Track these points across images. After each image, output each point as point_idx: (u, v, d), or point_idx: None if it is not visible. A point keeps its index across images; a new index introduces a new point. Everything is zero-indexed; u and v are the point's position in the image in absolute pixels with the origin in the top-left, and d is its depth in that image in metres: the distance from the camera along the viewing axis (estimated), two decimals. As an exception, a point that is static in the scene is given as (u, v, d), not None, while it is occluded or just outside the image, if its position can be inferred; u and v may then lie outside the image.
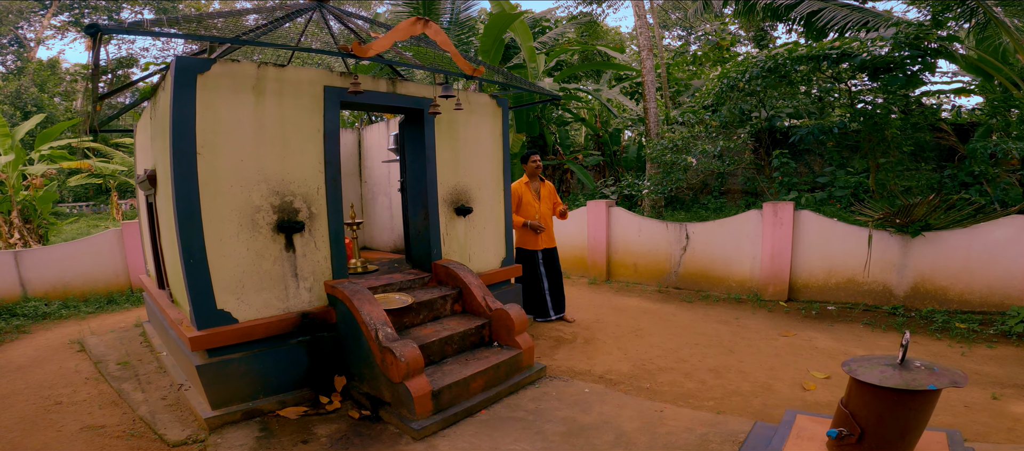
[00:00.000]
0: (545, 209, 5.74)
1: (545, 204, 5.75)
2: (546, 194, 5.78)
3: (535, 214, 5.67)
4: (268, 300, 3.62)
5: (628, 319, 5.91)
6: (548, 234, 5.77)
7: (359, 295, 3.59)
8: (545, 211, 5.72)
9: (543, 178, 5.79)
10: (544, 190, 5.78)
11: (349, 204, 6.68)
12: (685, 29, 24.27)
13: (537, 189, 5.76)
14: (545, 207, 5.74)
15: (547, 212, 5.75)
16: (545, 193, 5.77)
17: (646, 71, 9.34)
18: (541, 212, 5.68)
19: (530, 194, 5.71)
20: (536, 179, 5.77)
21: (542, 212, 5.69)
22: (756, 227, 6.42)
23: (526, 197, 5.68)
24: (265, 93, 3.48)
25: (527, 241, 5.71)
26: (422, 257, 4.70)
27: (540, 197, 5.73)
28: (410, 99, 4.32)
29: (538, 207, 5.69)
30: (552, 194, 5.88)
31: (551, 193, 5.86)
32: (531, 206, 5.67)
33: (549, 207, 5.79)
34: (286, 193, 3.61)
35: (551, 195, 5.85)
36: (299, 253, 3.71)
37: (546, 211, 5.74)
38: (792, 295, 6.37)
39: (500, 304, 4.16)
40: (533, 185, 5.76)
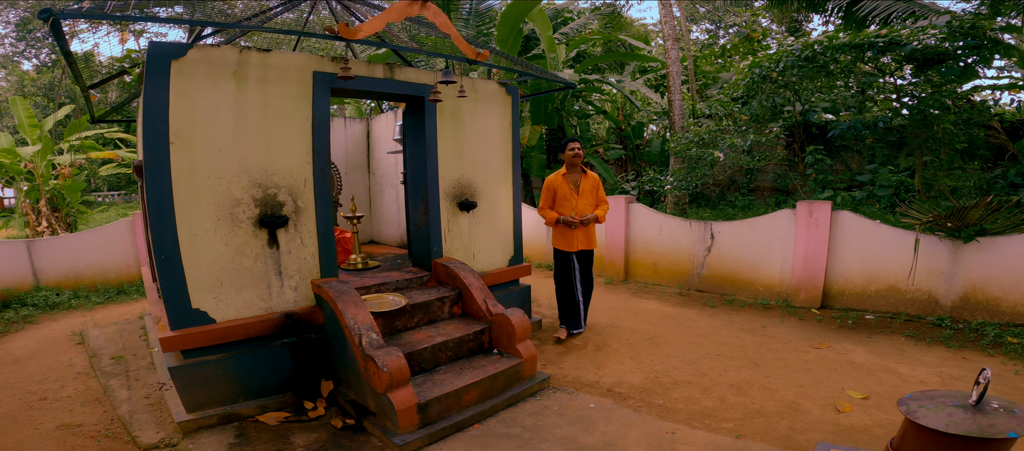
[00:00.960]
0: (584, 205, 4.99)
1: (585, 200, 4.98)
2: (588, 188, 5.01)
3: (571, 211, 4.97)
4: (249, 299, 3.38)
5: (644, 324, 5.52)
6: (586, 234, 5.01)
7: (344, 297, 3.32)
8: (584, 207, 4.98)
9: (585, 169, 5.02)
10: (586, 183, 4.99)
11: (350, 196, 6.47)
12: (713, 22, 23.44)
13: (576, 182, 4.98)
14: (585, 203, 4.98)
15: (587, 209, 5.00)
16: (587, 187, 5.00)
17: (671, 62, 8.86)
18: (579, 208, 4.93)
19: (567, 187, 4.95)
20: (576, 170, 5.02)
21: (580, 208, 4.94)
22: (788, 228, 5.94)
23: (562, 191, 4.96)
24: (247, 79, 3.23)
25: (562, 240, 5.01)
26: (422, 255, 4.42)
27: (579, 191, 4.96)
28: (408, 85, 4.02)
29: (576, 202, 4.94)
30: (596, 188, 5.07)
31: (595, 187, 5.06)
32: (567, 201, 4.95)
33: (591, 203, 5.03)
34: (269, 185, 3.36)
35: (594, 190, 5.06)
36: (284, 250, 3.46)
37: (586, 207, 5.00)
38: (825, 302, 5.88)
39: (502, 308, 3.85)
40: (572, 177, 4.99)
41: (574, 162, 4.93)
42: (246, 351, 3.38)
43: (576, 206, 4.93)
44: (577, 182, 4.99)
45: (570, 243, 4.96)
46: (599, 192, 5.07)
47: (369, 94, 3.99)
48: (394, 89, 3.94)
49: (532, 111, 9.74)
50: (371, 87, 3.80)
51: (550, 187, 4.97)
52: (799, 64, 5.77)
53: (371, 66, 3.83)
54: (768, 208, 10.41)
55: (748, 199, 11.05)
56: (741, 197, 11.13)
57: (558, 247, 5.01)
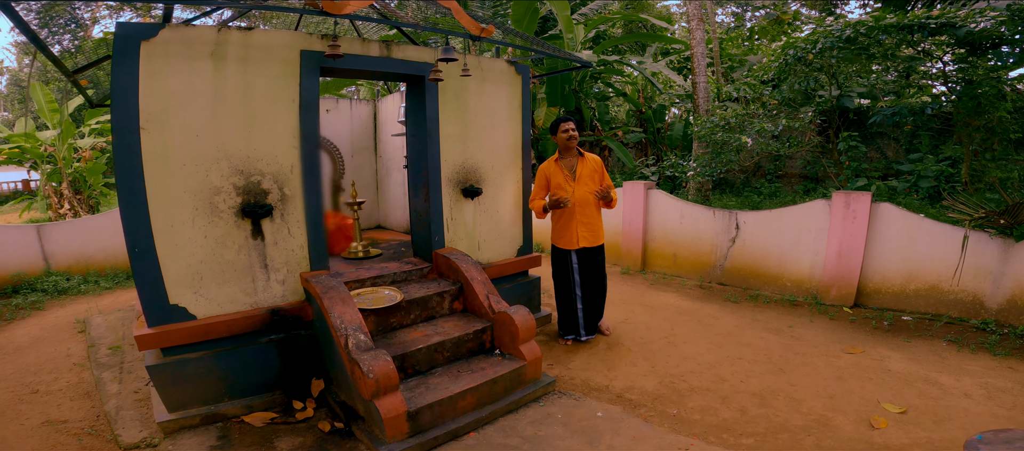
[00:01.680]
0: (583, 193, 4.24)
1: (583, 186, 4.25)
2: (586, 173, 4.28)
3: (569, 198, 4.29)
4: (232, 294, 3.17)
5: (661, 321, 5.19)
6: (589, 226, 4.29)
7: (332, 293, 3.09)
8: (583, 195, 4.24)
9: (582, 152, 4.33)
10: (583, 168, 4.29)
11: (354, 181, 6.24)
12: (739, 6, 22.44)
13: (572, 167, 4.30)
14: (583, 190, 4.25)
15: (585, 197, 4.25)
16: (585, 172, 4.28)
17: (695, 42, 8.37)
18: (577, 196, 4.24)
19: (561, 174, 4.27)
20: (571, 154, 4.31)
21: (577, 197, 4.24)
22: (822, 220, 5.51)
23: (555, 178, 4.28)
24: (227, 59, 2.97)
25: (560, 235, 4.36)
26: (423, 245, 4.17)
27: (576, 177, 4.26)
28: (407, 64, 3.73)
29: (572, 190, 4.24)
30: (596, 172, 4.34)
31: (594, 171, 4.32)
32: (561, 190, 4.27)
33: (589, 189, 4.27)
34: (252, 172, 3.12)
35: (594, 174, 4.32)
36: (269, 241, 3.23)
37: (584, 195, 4.25)
38: (859, 300, 5.46)
39: (506, 306, 3.58)
40: (566, 162, 4.32)
41: (568, 145, 4.26)
42: (230, 349, 3.19)
43: (572, 194, 4.27)
44: (573, 167, 4.32)
45: (569, 238, 4.29)
46: (602, 177, 4.36)
47: (364, 74, 3.71)
48: (391, 68, 3.66)
49: (548, 92, 9.37)
50: (365, 66, 3.52)
51: (542, 175, 4.34)
52: (839, 45, 5.28)
53: (366, 44, 3.54)
54: (796, 196, 9.90)
55: (775, 186, 10.54)
56: (767, 184, 10.62)
57: (556, 244, 4.39)
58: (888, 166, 9.80)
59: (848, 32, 5.19)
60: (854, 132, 8.66)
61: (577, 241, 4.28)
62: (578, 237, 4.28)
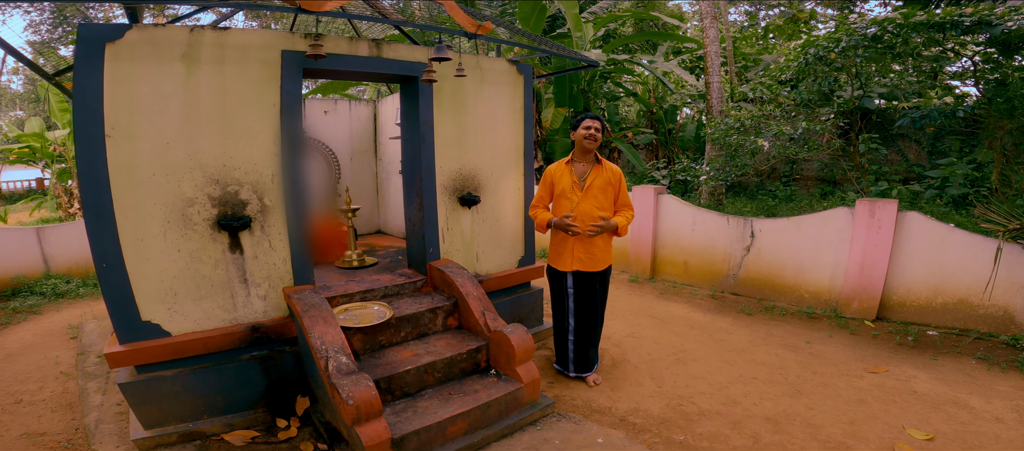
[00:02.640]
0: (589, 208, 3.49)
1: (591, 200, 3.50)
2: (599, 185, 3.53)
3: (570, 211, 3.55)
4: (209, 310, 2.99)
5: (670, 336, 4.93)
6: (588, 248, 3.54)
7: (313, 312, 2.88)
8: (586, 211, 3.49)
9: (601, 159, 3.62)
10: (597, 177, 3.54)
11: (351, 186, 6.07)
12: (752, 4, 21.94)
13: (584, 174, 3.57)
14: (589, 204, 3.50)
15: (589, 213, 3.50)
16: (597, 182, 3.53)
17: (709, 41, 8.06)
18: (580, 210, 3.50)
19: (569, 180, 3.55)
20: (588, 158, 3.60)
21: (581, 211, 3.49)
22: (844, 228, 5.20)
23: (562, 184, 3.57)
24: (200, 61, 2.78)
25: (555, 253, 3.67)
26: (417, 256, 3.95)
27: (585, 187, 3.52)
28: (398, 64, 3.52)
29: (576, 203, 3.51)
30: (611, 187, 3.57)
31: (610, 184, 3.56)
32: (565, 200, 3.56)
33: (602, 205, 3.53)
34: (229, 182, 2.93)
35: (607, 189, 3.55)
36: (248, 255, 3.04)
37: (591, 210, 3.49)
38: (881, 314, 5.15)
39: (502, 324, 3.35)
40: (579, 167, 3.61)
41: (586, 146, 3.53)
42: (208, 366, 3.00)
43: (576, 207, 3.52)
44: (585, 174, 3.58)
45: (563, 259, 3.60)
46: (619, 192, 3.62)
47: (351, 75, 3.50)
48: (381, 68, 3.45)
49: (556, 92, 9.13)
50: (352, 67, 3.31)
51: (548, 178, 3.66)
52: (864, 44, 4.97)
53: (354, 43, 3.33)
54: (812, 200, 9.54)
55: (790, 189, 10.19)
56: (782, 187, 10.27)
57: (551, 264, 3.74)
58: (909, 169, 9.43)
59: (874, 30, 4.89)
60: (874, 134, 8.31)
61: (571, 263, 3.58)
62: (573, 258, 3.57)
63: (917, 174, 9.21)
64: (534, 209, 3.80)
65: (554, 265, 3.73)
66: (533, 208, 3.81)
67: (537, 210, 3.77)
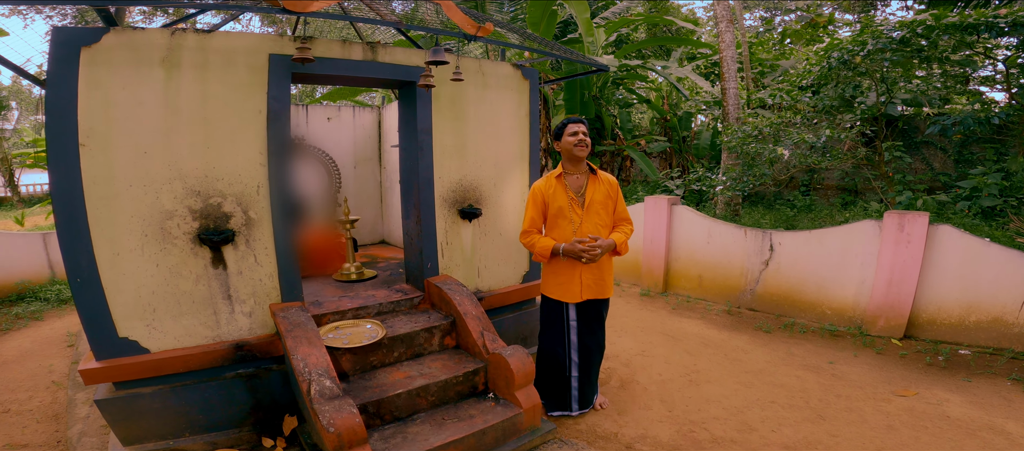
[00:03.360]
0: (592, 226, 3.10)
1: (595, 217, 3.11)
2: (600, 199, 3.14)
3: (571, 234, 3.08)
4: (191, 327, 2.83)
5: (682, 355, 4.67)
6: (597, 274, 3.14)
7: (297, 331, 2.71)
8: (593, 229, 3.10)
9: (595, 169, 3.20)
10: (595, 190, 3.14)
11: (353, 195, 5.92)
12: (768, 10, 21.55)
13: (580, 188, 3.14)
14: (594, 223, 3.11)
15: (596, 230, 3.12)
16: (598, 196, 3.13)
17: (724, 45, 7.81)
18: (585, 231, 3.09)
19: (565, 197, 3.10)
20: (579, 169, 3.17)
21: (586, 231, 3.09)
22: (870, 242, 4.92)
23: (557, 202, 3.10)
24: (181, 66, 2.64)
25: (556, 283, 3.20)
26: (415, 271, 3.77)
27: (585, 203, 3.11)
28: (393, 68, 3.35)
29: (578, 222, 3.09)
30: (611, 198, 3.19)
31: (609, 196, 3.18)
32: (564, 219, 3.10)
33: (604, 222, 3.15)
34: (211, 194, 2.77)
35: (609, 200, 3.18)
36: (232, 270, 2.88)
37: (595, 229, 3.11)
38: (909, 332, 4.85)
39: (501, 346, 3.15)
40: (573, 180, 3.15)
41: (576, 154, 3.09)
42: (190, 383, 2.85)
43: (579, 227, 3.08)
44: (581, 189, 3.14)
45: (569, 288, 3.14)
46: (618, 204, 3.21)
47: (344, 79, 3.34)
48: (376, 73, 3.28)
49: (566, 99, 8.93)
50: (346, 71, 3.15)
51: (537, 197, 3.15)
52: (892, 47, 4.68)
53: (347, 46, 3.17)
54: (832, 210, 9.20)
55: (809, 199, 9.86)
56: (801, 197, 9.94)
57: (548, 294, 3.24)
58: (934, 178, 9.08)
59: (902, 33, 4.61)
60: (898, 142, 7.97)
61: (580, 292, 3.12)
62: (582, 286, 3.11)
63: (943, 183, 8.85)
64: (527, 235, 3.19)
65: (556, 296, 3.20)
66: (526, 234, 3.20)
67: (532, 236, 3.17)
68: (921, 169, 9.41)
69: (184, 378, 2.85)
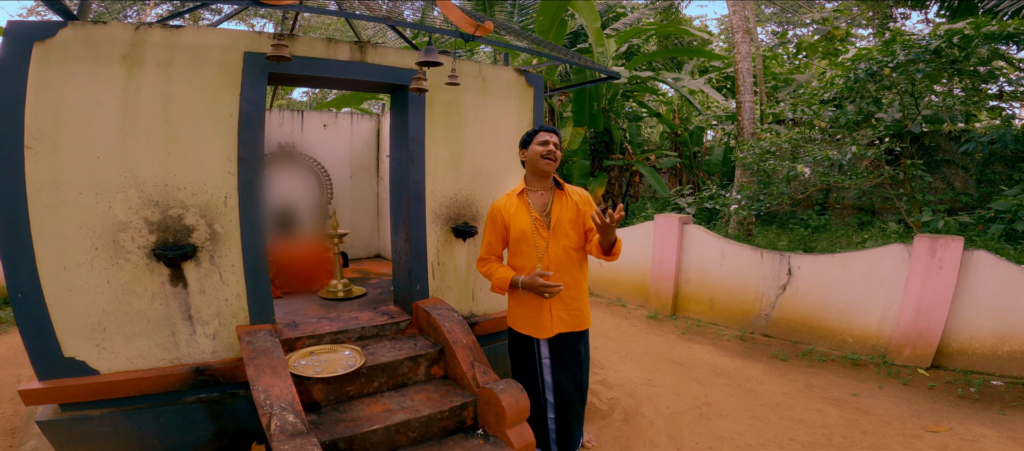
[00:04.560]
0: (561, 251, 2.63)
1: (562, 238, 2.63)
2: (568, 218, 2.66)
3: (536, 260, 2.63)
4: (145, 348, 2.56)
5: (692, 385, 4.34)
6: (568, 304, 2.67)
7: (261, 359, 2.42)
8: (561, 255, 2.63)
9: (561, 182, 2.75)
10: (562, 208, 2.67)
11: (346, 206, 5.65)
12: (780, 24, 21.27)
13: (545, 206, 2.70)
14: (561, 245, 2.63)
15: (565, 256, 2.64)
16: (565, 215, 2.66)
17: (740, 57, 7.53)
18: (552, 257, 2.62)
19: (527, 217, 2.66)
20: (544, 184, 2.73)
21: (554, 257, 2.62)
22: (898, 267, 4.58)
23: (519, 224, 2.66)
24: (144, 64, 2.40)
25: (522, 315, 2.73)
26: (403, 292, 3.48)
27: (551, 224, 2.64)
28: (382, 70, 3.09)
29: (545, 245, 2.63)
30: (581, 215, 2.69)
31: (579, 213, 2.68)
32: (527, 243, 2.65)
33: (574, 243, 2.66)
34: (171, 204, 2.51)
35: (578, 220, 2.68)
36: (194, 289, 2.61)
37: (564, 254, 2.63)
38: (937, 361, 4.50)
39: (494, 378, 2.84)
40: (537, 199, 2.72)
41: (543, 168, 2.63)
42: (145, 407, 2.58)
43: (545, 251, 2.62)
44: (547, 206, 2.69)
45: (538, 322, 2.66)
46: (586, 217, 2.69)
47: (330, 82, 3.09)
48: (364, 75, 3.02)
49: (575, 111, 8.67)
50: (330, 73, 2.89)
51: (497, 219, 2.71)
52: (924, 58, 4.34)
53: (332, 45, 2.92)
54: (849, 230, 8.83)
55: (824, 219, 9.50)
56: (815, 216, 9.58)
57: (515, 327, 2.78)
58: (956, 198, 8.72)
59: (938, 43, 4.28)
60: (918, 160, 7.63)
61: (550, 326, 2.65)
62: (552, 319, 2.65)
63: (964, 204, 8.49)
64: (485, 263, 2.75)
65: (520, 328, 2.73)
66: (483, 262, 2.76)
67: (489, 264, 2.72)
68: (941, 188, 9.05)
69: (138, 402, 2.58)
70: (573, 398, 2.77)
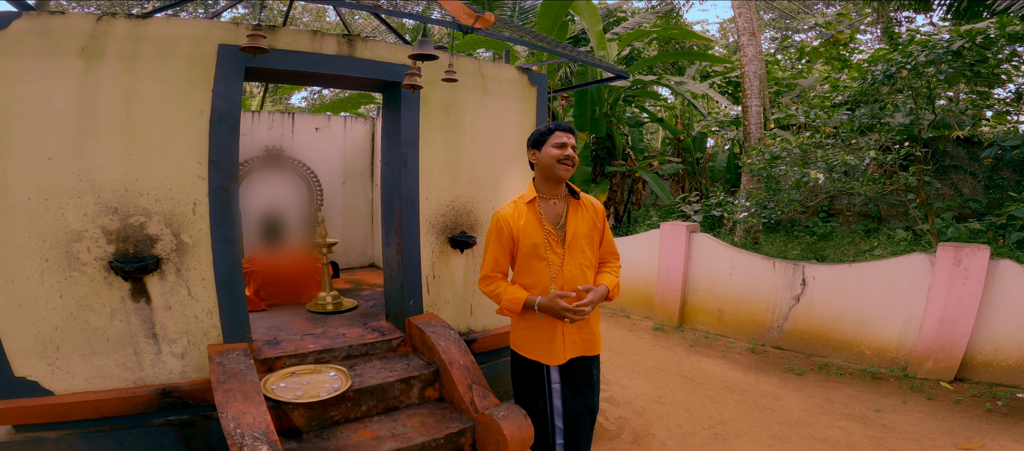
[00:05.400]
0: (576, 268, 2.25)
1: (578, 255, 2.26)
2: (585, 232, 2.29)
3: (549, 280, 2.23)
4: (105, 368, 2.30)
5: (704, 401, 4.08)
6: (584, 329, 2.31)
7: (231, 383, 2.16)
8: (575, 272, 2.24)
9: (577, 191, 2.36)
10: (578, 221, 2.29)
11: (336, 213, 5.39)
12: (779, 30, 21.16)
13: (559, 217, 2.30)
14: (577, 262, 2.25)
15: (578, 273, 2.25)
16: (581, 228, 2.28)
17: (747, 60, 7.32)
18: (565, 276, 2.23)
19: (539, 230, 2.25)
20: (558, 192, 2.32)
21: (569, 275, 2.24)
22: (920, 277, 4.35)
23: (530, 238, 2.24)
24: (104, 57, 2.16)
25: (530, 339, 2.30)
26: (395, 307, 3.22)
27: (566, 239, 2.26)
28: (374, 66, 2.85)
29: (560, 261, 2.24)
30: (597, 228, 2.36)
31: (594, 227, 2.35)
32: (538, 259, 2.24)
33: (589, 260, 2.30)
34: (132, 212, 2.26)
35: (594, 231, 2.35)
36: (159, 304, 2.35)
37: (579, 272, 2.25)
38: (960, 374, 4.28)
39: (494, 402, 2.58)
40: (550, 207, 2.30)
41: (559, 173, 2.22)
42: (106, 430, 2.33)
43: (559, 270, 2.22)
44: (560, 218, 2.29)
45: (550, 348, 2.26)
46: (604, 235, 2.38)
47: (315, 78, 2.85)
48: (353, 70, 2.78)
49: (576, 115, 8.44)
50: (315, 67, 2.65)
51: (504, 232, 2.25)
52: (946, 59, 4.11)
53: (318, 38, 2.69)
54: (855, 238, 8.61)
55: (829, 226, 9.28)
56: (821, 223, 9.35)
57: (520, 351, 2.34)
58: (964, 204, 8.53)
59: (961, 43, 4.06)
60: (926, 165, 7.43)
61: (563, 351, 2.25)
62: (566, 344, 2.26)
63: (973, 210, 8.29)
64: (490, 282, 2.30)
65: (528, 354, 2.30)
66: (487, 280, 2.31)
67: (496, 283, 2.28)
68: (950, 195, 8.86)
69: (99, 424, 2.32)
70: (584, 423, 2.42)
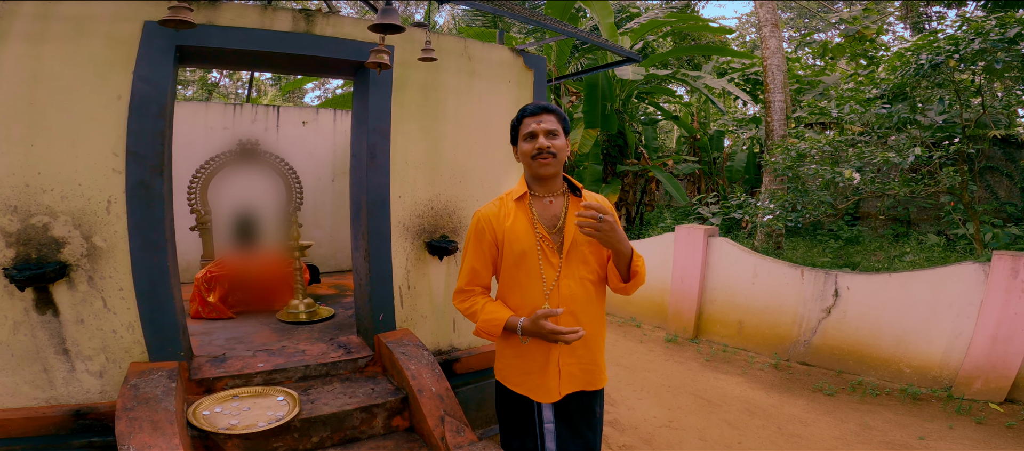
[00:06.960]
0: (576, 282, 1.71)
1: (581, 265, 1.72)
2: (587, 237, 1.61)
3: (541, 296, 1.69)
4: (12, 385, 1.99)
5: (722, 426, 3.62)
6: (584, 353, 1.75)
7: (139, 410, 1.78)
8: (574, 286, 1.70)
9: (577, 185, 1.81)
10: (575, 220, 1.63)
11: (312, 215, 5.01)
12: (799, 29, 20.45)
13: (556, 220, 1.74)
14: (578, 274, 1.71)
15: (579, 291, 1.71)
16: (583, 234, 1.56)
17: (769, 53, 6.82)
18: (562, 291, 1.70)
19: (529, 234, 1.71)
20: (553, 188, 1.77)
21: (567, 291, 1.70)
22: (971, 289, 3.85)
23: (519, 243, 1.70)
24: (7, 38, 1.84)
25: (516, 368, 1.77)
26: (365, 322, 2.83)
27: (564, 244, 1.71)
28: (336, 44, 2.47)
29: (556, 276, 1.70)
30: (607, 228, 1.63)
31: None
32: (527, 272, 1.71)
33: (592, 272, 1.74)
34: (34, 209, 1.90)
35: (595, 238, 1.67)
36: (68, 317, 1.99)
37: (578, 288, 1.71)
38: (1012, 395, 3.80)
39: (468, 441, 2.17)
40: (544, 206, 1.76)
41: (536, 172, 1.74)
42: None
43: (555, 284, 1.70)
44: (556, 219, 1.76)
45: (541, 381, 1.74)
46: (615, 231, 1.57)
47: (266, 60, 2.47)
48: (311, 49, 2.41)
49: (586, 111, 7.99)
50: (263, 46, 2.28)
51: (484, 235, 1.76)
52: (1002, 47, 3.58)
53: (269, 13, 2.31)
54: (885, 242, 8.04)
55: (855, 230, 8.71)
56: (846, 227, 8.79)
57: (505, 383, 1.81)
58: (1000, 208, 7.96)
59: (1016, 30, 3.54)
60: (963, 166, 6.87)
61: (557, 386, 1.73)
62: (561, 376, 1.73)
63: (1009, 214, 7.71)
64: (466, 297, 1.81)
65: (517, 389, 1.78)
66: (463, 295, 1.82)
67: (472, 298, 1.80)
68: (985, 197, 8.30)
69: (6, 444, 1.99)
70: None
